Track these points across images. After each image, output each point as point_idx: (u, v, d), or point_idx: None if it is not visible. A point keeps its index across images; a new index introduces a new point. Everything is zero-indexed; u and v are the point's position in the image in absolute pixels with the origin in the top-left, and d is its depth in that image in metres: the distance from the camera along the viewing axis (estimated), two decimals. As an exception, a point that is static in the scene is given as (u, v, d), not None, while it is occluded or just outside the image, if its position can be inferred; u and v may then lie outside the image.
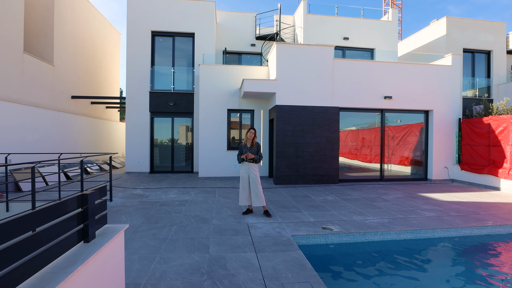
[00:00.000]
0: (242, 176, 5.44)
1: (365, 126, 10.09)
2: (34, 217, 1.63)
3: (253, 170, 5.38)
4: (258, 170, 5.50)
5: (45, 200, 6.48)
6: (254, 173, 5.37)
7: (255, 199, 5.36)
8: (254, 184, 5.34)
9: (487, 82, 13.51)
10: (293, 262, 3.37)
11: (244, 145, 5.43)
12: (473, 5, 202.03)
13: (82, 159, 5.93)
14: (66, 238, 1.86)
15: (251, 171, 5.37)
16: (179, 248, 3.76)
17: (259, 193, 5.33)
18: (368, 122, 10.07)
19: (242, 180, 5.44)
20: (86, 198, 2.03)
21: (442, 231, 4.91)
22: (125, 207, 6.00)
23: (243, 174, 5.43)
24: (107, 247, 2.12)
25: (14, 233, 1.46)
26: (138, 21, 11.30)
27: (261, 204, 5.33)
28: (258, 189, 5.34)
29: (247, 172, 5.39)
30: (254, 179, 5.34)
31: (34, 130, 9.82)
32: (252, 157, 5.34)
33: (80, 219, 2.02)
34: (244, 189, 5.43)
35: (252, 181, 5.35)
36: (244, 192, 5.43)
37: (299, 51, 9.21)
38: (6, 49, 8.68)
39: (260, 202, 5.33)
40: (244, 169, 5.42)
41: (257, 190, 5.33)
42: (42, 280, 1.54)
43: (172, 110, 11.46)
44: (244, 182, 5.42)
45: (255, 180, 5.34)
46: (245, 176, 5.40)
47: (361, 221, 5.18)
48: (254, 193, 5.35)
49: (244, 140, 5.47)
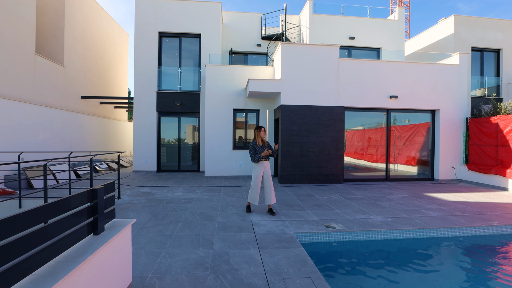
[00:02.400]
0: (258, 175, 5.49)
1: (371, 126, 10.08)
2: (46, 210, 1.75)
3: (268, 168, 5.54)
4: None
5: (56, 197, 6.69)
6: (269, 171, 5.54)
7: (270, 196, 5.47)
8: (270, 182, 5.50)
9: (496, 81, 13.30)
10: (295, 259, 3.45)
11: (259, 144, 5.49)
12: (483, 3, 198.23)
13: (92, 157, 6.11)
14: (77, 230, 1.97)
15: (266, 170, 5.51)
16: (184, 244, 3.87)
17: (273, 191, 5.51)
18: (374, 122, 10.05)
19: (257, 179, 5.49)
20: (96, 193, 2.14)
21: (446, 231, 4.91)
22: (132, 204, 6.15)
23: (258, 173, 5.48)
24: (115, 240, 2.23)
25: (28, 224, 1.58)
26: (146, 23, 11.50)
27: (273, 201, 5.49)
28: (272, 187, 5.51)
29: (262, 171, 5.49)
30: (270, 177, 5.52)
31: (46, 129, 10.11)
32: (270, 153, 5.47)
33: (90, 213, 2.14)
34: (257, 188, 5.51)
35: (268, 179, 5.48)
36: (258, 191, 5.53)
37: (305, 51, 9.25)
38: (19, 51, 8.96)
39: (273, 199, 5.50)
40: (259, 168, 5.49)
41: (272, 188, 5.50)
42: (55, 267, 1.65)
43: (179, 110, 11.63)
44: (258, 181, 5.50)
45: (270, 178, 5.52)
46: (260, 175, 5.49)
47: (364, 220, 5.22)
48: (270, 190, 5.46)
49: (257, 139, 5.52)
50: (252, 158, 5.47)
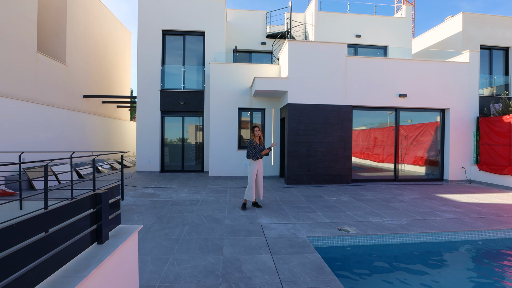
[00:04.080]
0: (254, 172, 5.75)
1: (378, 125, 9.84)
2: (46, 218, 1.55)
3: (261, 166, 5.92)
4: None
5: (57, 198, 6.50)
6: (261, 168, 5.93)
7: (260, 192, 5.95)
8: (262, 178, 5.91)
9: (505, 80, 13.01)
10: (310, 265, 3.24)
11: (256, 143, 5.79)
12: (486, 2, 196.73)
13: (94, 158, 5.92)
14: (79, 239, 1.77)
15: (260, 168, 5.87)
16: (192, 249, 3.66)
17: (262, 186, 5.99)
18: (382, 121, 9.81)
19: (253, 176, 5.75)
20: (100, 198, 1.94)
21: (464, 234, 4.68)
22: (136, 206, 5.96)
23: (254, 170, 5.76)
24: (121, 249, 2.03)
25: (27, 234, 1.38)
26: (149, 20, 11.30)
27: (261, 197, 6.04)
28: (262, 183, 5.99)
29: (257, 168, 5.80)
30: (262, 173, 5.92)
31: (47, 128, 9.93)
32: (267, 153, 5.84)
33: (93, 220, 1.93)
34: (254, 185, 5.79)
35: (261, 176, 5.89)
36: (254, 188, 5.81)
37: (312, 49, 9.03)
38: (20, 49, 8.78)
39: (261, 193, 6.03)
40: (255, 166, 5.78)
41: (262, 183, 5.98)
42: (55, 284, 1.45)
43: (183, 109, 11.43)
44: (255, 178, 5.79)
45: (262, 175, 5.94)
46: (255, 172, 5.77)
47: (378, 222, 5.00)
48: (261, 187, 5.93)
49: (255, 138, 5.82)
50: (253, 155, 5.74)
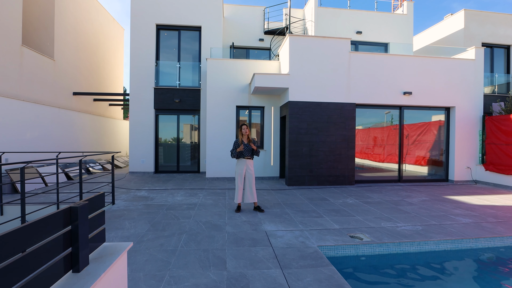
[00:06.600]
0: (240, 173, 5.48)
1: (383, 124, 9.50)
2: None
3: (251, 167, 5.54)
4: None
5: (42, 203, 5.99)
6: (252, 170, 5.54)
7: (250, 196, 5.51)
8: (251, 181, 5.51)
9: (506, 78, 12.82)
10: (328, 282, 2.82)
11: (241, 141, 5.46)
12: (478, 3, 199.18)
13: (81, 158, 5.42)
14: (48, 269, 1.32)
15: (248, 168, 5.51)
16: (192, 263, 3.22)
17: (254, 190, 5.53)
18: (381, 120, 9.48)
19: (239, 177, 5.48)
20: (76, 213, 1.49)
21: (486, 241, 4.32)
22: (128, 211, 5.48)
23: (240, 171, 5.48)
24: (105, 278, 1.58)
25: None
26: (143, 14, 10.76)
27: (254, 200, 5.53)
28: (254, 186, 5.53)
29: (244, 169, 5.49)
30: (252, 176, 5.52)
31: (33, 127, 9.34)
32: (255, 149, 5.48)
33: (67, 241, 1.48)
34: (238, 186, 5.49)
35: (250, 178, 5.50)
36: (241, 189, 5.52)
37: (314, 44, 8.63)
38: (3, 41, 8.19)
39: (254, 198, 5.53)
40: (241, 166, 5.49)
41: (253, 187, 5.52)
42: None
43: (178, 107, 10.92)
44: (240, 179, 5.49)
45: (253, 177, 5.52)
46: (242, 173, 5.48)
47: (391, 228, 4.62)
48: (250, 190, 5.50)
49: (240, 137, 5.50)
50: (235, 154, 5.46)
